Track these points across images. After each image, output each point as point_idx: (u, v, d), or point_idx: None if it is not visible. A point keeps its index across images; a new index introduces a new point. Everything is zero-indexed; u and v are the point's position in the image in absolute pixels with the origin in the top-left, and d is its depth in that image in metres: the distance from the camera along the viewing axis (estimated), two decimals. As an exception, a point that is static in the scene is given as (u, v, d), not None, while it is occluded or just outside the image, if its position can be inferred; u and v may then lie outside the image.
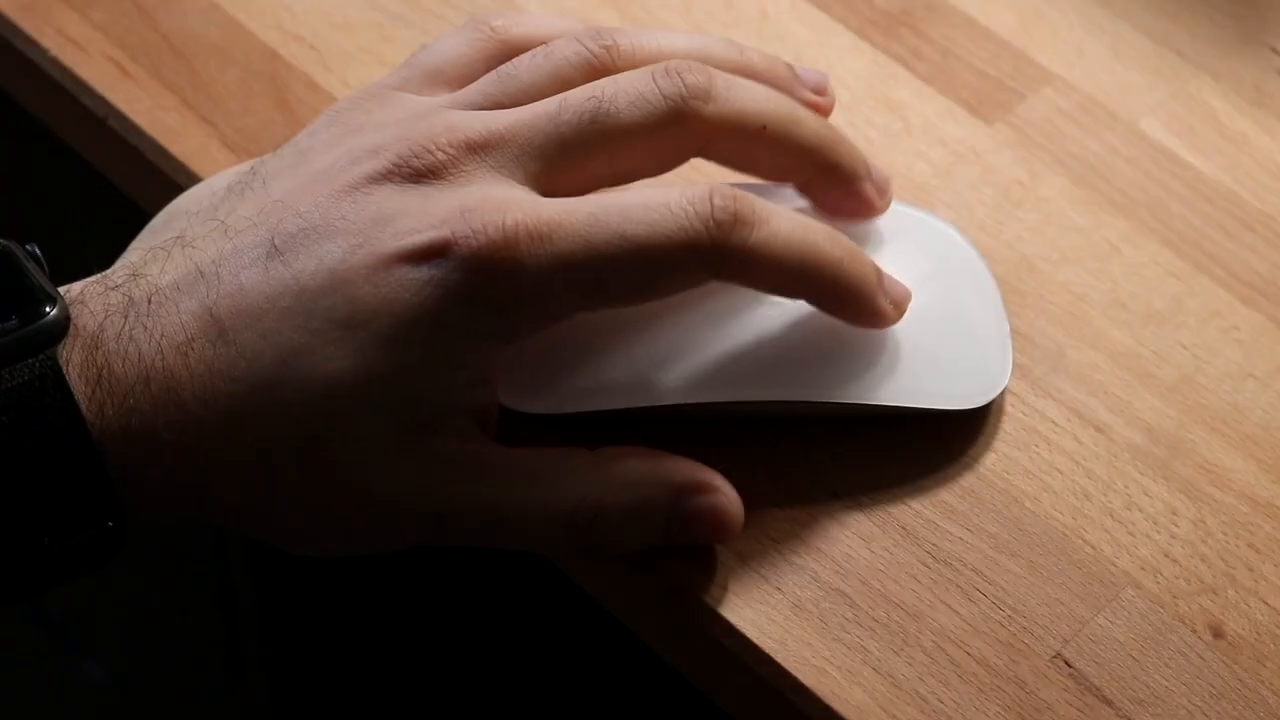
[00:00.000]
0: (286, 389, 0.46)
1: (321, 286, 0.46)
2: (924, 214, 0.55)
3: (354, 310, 0.46)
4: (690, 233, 0.47)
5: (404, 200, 0.47)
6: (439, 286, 0.46)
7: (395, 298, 0.46)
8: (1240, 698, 0.48)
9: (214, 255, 0.47)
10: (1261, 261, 0.56)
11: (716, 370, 0.50)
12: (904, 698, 0.47)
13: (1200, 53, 0.61)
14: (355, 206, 0.47)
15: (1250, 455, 0.52)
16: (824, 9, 0.61)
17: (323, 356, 0.46)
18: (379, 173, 0.47)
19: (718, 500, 0.48)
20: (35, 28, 0.59)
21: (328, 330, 0.46)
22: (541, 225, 0.46)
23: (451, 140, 0.48)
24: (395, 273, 0.46)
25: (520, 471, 0.48)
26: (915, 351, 0.51)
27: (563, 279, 0.46)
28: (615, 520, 0.48)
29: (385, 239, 0.46)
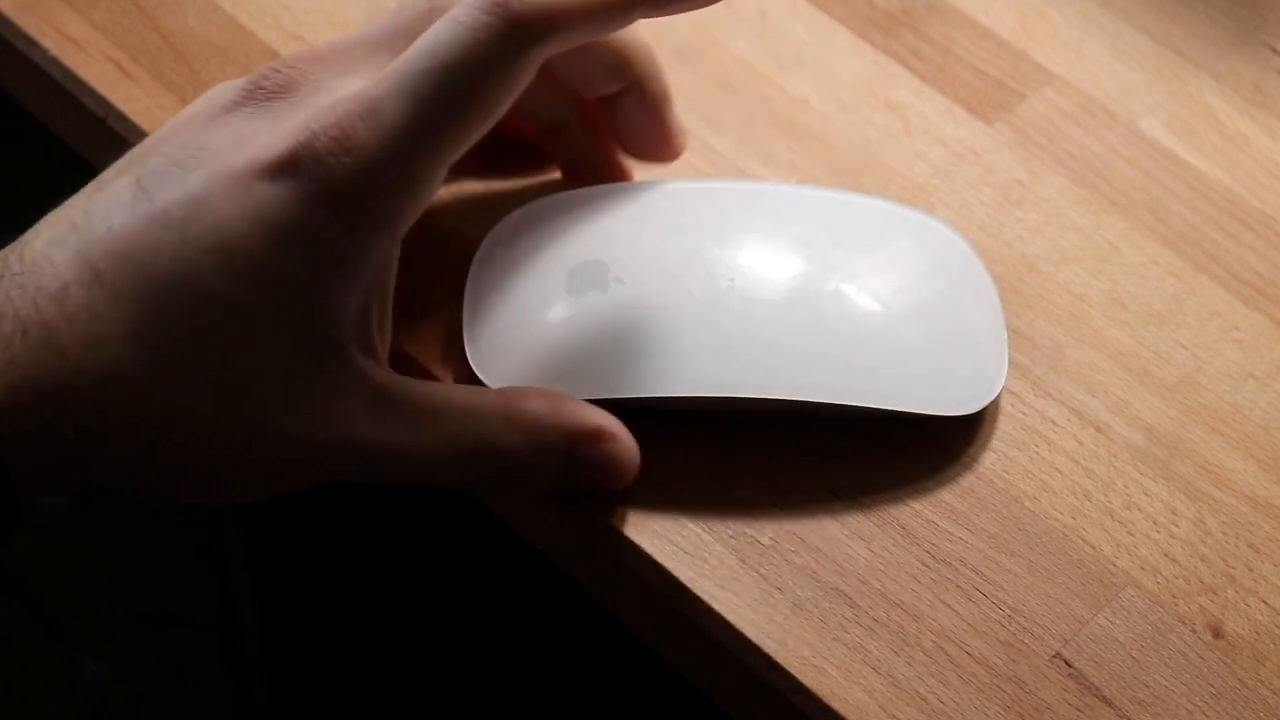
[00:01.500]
0: (170, 322, 0.45)
1: (188, 215, 0.46)
2: (923, 215, 0.55)
3: (223, 234, 0.46)
4: (483, 29, 0.47)
5: (259, 121, 0.48)
6: (298, 194, 0.46)
7: (260, 214, 0.46)
8: (1240, 697, 0.48)
9: (85, 206, 0.47)
10: (1261, 261, 0.56)
11: (714, 367, 0.50)
12: (904, 697, 0.47)
13: (1200, 53, 0.61)
14: (214, 135, 0.47)
15: (1250, 455, 0.52)
16: (824, 9, 0.61)
17: (201, 285, 0.45)
18: (234, 100, 0.48)
19: (613, 448, 0.49)
20: (35, 28, 0.59)
21: (201, 258, 0.45)
22: (368, 105, 0.46)
23: (300, 56, 0.49)
24: (256, 190, 0.46)
25: (423, 406, 0.48)
26: (911, 355, 0.51)
27: (406, 139, 0.46)
28: (514, 461, 0.48)
29: (243, 159, 0.46)
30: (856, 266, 0.52)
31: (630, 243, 0.52)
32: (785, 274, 0.52)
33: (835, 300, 0.51)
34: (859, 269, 0.52)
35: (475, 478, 0.49)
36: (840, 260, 0.52)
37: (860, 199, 0.55)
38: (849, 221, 0.54)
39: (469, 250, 0.54)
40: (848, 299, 0.52)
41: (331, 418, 0.47)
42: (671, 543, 0.49)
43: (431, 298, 0.53)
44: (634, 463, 0.49)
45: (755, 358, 0.50)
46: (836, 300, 0.51)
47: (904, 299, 0.52)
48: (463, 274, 0.53)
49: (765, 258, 0.52)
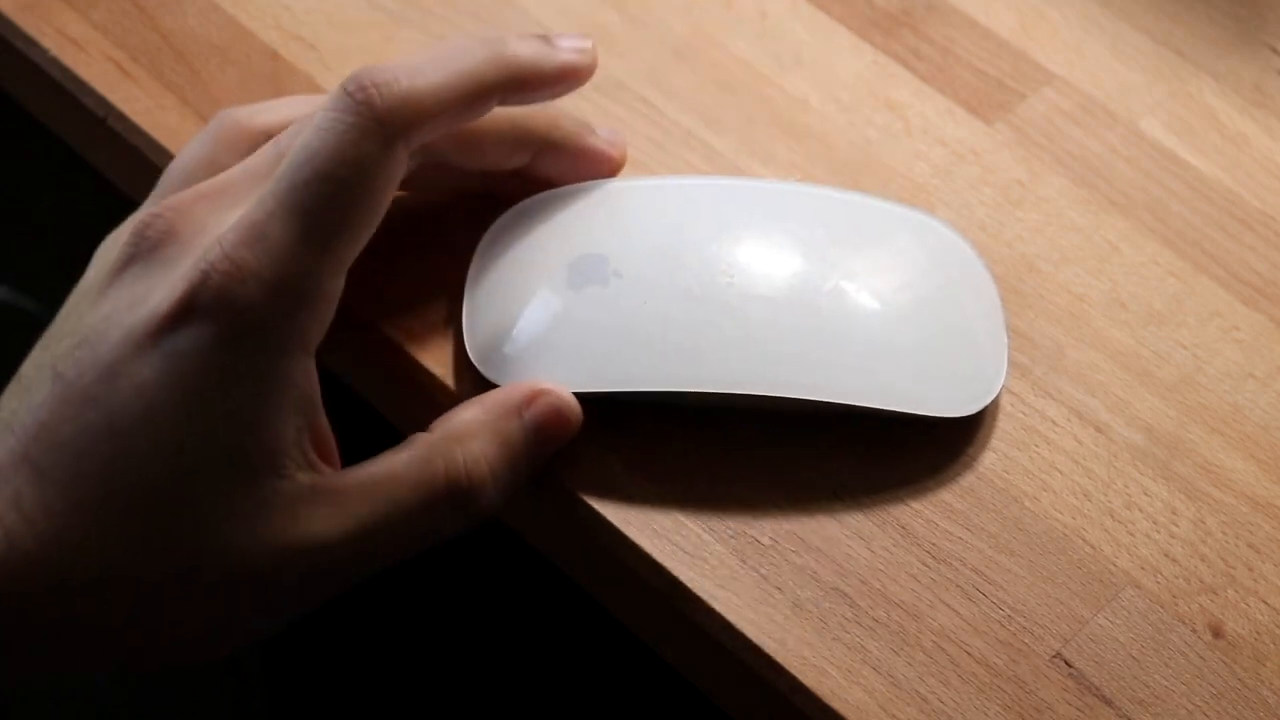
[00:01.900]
0: (116, 500, 0.46)
1: (109, 390, 0.46)
2: (923, 215, 0.55)
3: (145, 400, 0.46)
4: (349, 129, 0.47)
5: (151, 277, 0.48)
6: (203, 340, 0.46)
7: (175, 370, 0.46)
8: (1240, 697, 0.48)
9: (15, 406, 0.47)
10: (1261, 261, 0.56)
11: (712, 363, 0.50)
12: (904, 697, 0.47)
13: (1200, 53, 0.61)
14: (112, 303, 0.48)
15: (1250, 455, 0.52)
16: (824, 9, 0.61)
17: (139, 456, 0.46)
18: (123, 260, 0.48)
19: (552, 399, 0.49)
20: (35, 28, 0.59)
21: (130, 429, 0.46)
22: (251, 231, 0.46)
23: (180, 198, 0.49)
24: (163, 346, 0.46)
25: (374, 479, 0.48)
26: (911, 355, 0.51)
27: (299, 258, 0.46)
28: (487, 470, 0.48)
29: (141, 319, 0.47)
30: (856, 265, 0.52)
31: (630, 238, 0.52)
32: (785, 272, 0.52)
33: (834, 299, 0.51)
34: (858, 268, 0.52)
35: (462, 508, 0.48)
36: (840, 259, 0.52)
37: (860, 198, 0.55)
38: (849, 220, 0.54)
39: (469, 246, 0.54)
40: (847, 297, 0.52)
41: (296, 533, 0.47)
42: (671, 543, 0.49)
43: (431, 294, 0.53)
44: (574, 405, 0.49)
45: (754, 355, 0.50)
46: (835, 299, 0.51)
47: (903, 298, 0.52)
48: (463, 270, 0.53)
49: (765, 255, 0.52)
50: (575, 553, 0.52)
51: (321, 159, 0.47)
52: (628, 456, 0.51)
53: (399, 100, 0.47)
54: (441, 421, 0.49)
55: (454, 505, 0.48)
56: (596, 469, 0.50)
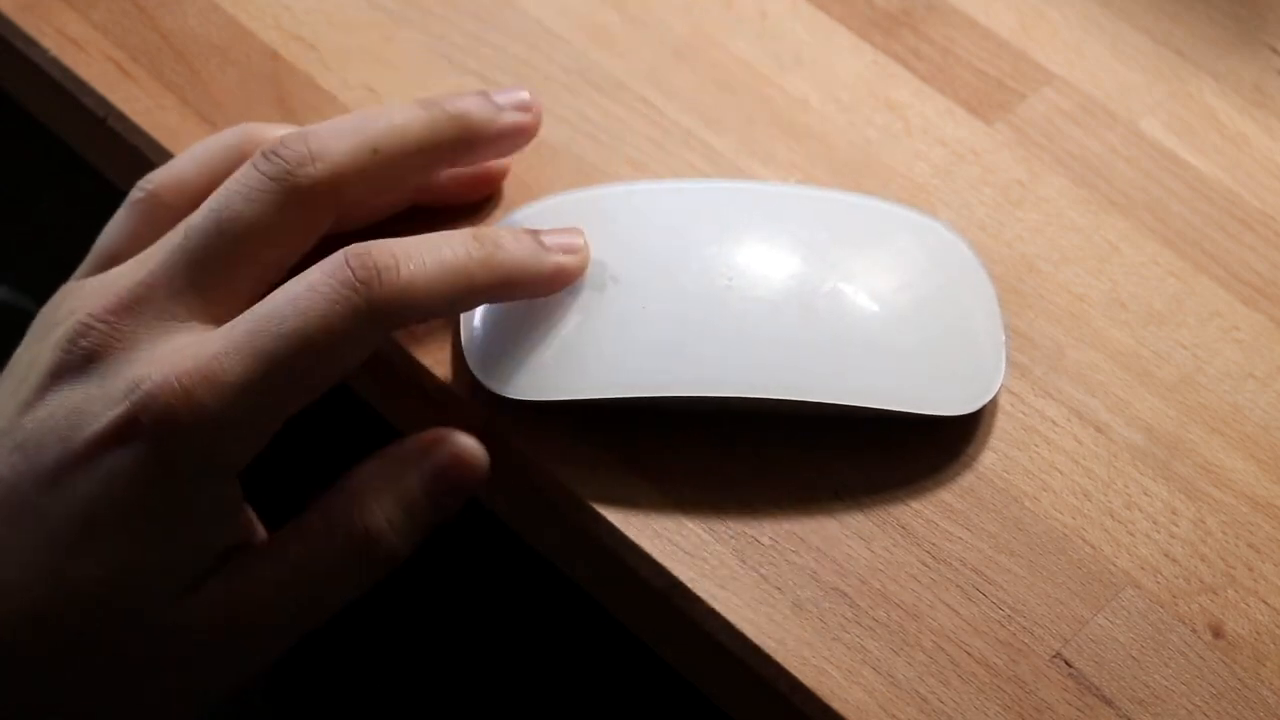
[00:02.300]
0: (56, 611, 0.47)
1: (50, 501, 0.47)
2: (921, 215, 0.55)
3: (85, 515, 0.47)
4: (342, 302, 0.47)
5: (85, 390, 0.48)
6: (141, 462, 0.46)
7: (111, 488, 0.47)
8: (1240, 697, 0.48)
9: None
10: (1261, 261, 0.56)
11: (712, 367, 0.50)
12: (904, 697, 0.47)
13: (1200, 53, 0.61)
14: (47, 408, 0.48)
15: (1250, 455, 0.52)
16: (824, 9, 0.61)
17: (77, 568, 0.47)
18: (56, 367, 0.48)
19: (452, 444, 0.50)
20: (35, 28, 0.59)
21: (71, 542, 0.47)
22: (210, 364, 0.47)
23: (106, 308, 0.49)
24: (102, 465, 0.47)
25: (284, 550, 0.49)
26: (909, 355, 0.51)
27: (250, 400, 0.47)
28: (385, 526, 0.49)
29: (82, 433, 0.47)
30: (854, 266, 0.52)
31: (628, 242, 0.52)
32: (783, 273, 0.52)
33: (833, 300, 0.51)
34: (856, 269, 0.52)
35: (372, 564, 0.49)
36: (838, 260, 0.52)
37: (858, 199, 0.55)
38: (847, 221, 0.54)
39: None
40: (845, 299, 0.52)
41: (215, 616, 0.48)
42: (671, 543, 0.49)
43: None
44: (476, 448, 0.50)
45: (753, 357, 0.50)
46: (834, 300, 0.51)
47: (901, 299, 0.52)
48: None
49: (764, 257, 0.52)
50: (575, 553, 0.52)
51: (311, 327, 0.47)
52: (628, 457, 0.51)
53: (397, 291, 0.47)
54: (344, 478, 0.50)
55: (358, 563, 0.49)
56: (596, 469, 0.50)
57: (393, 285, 0.47)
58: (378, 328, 0.48)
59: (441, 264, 0.48)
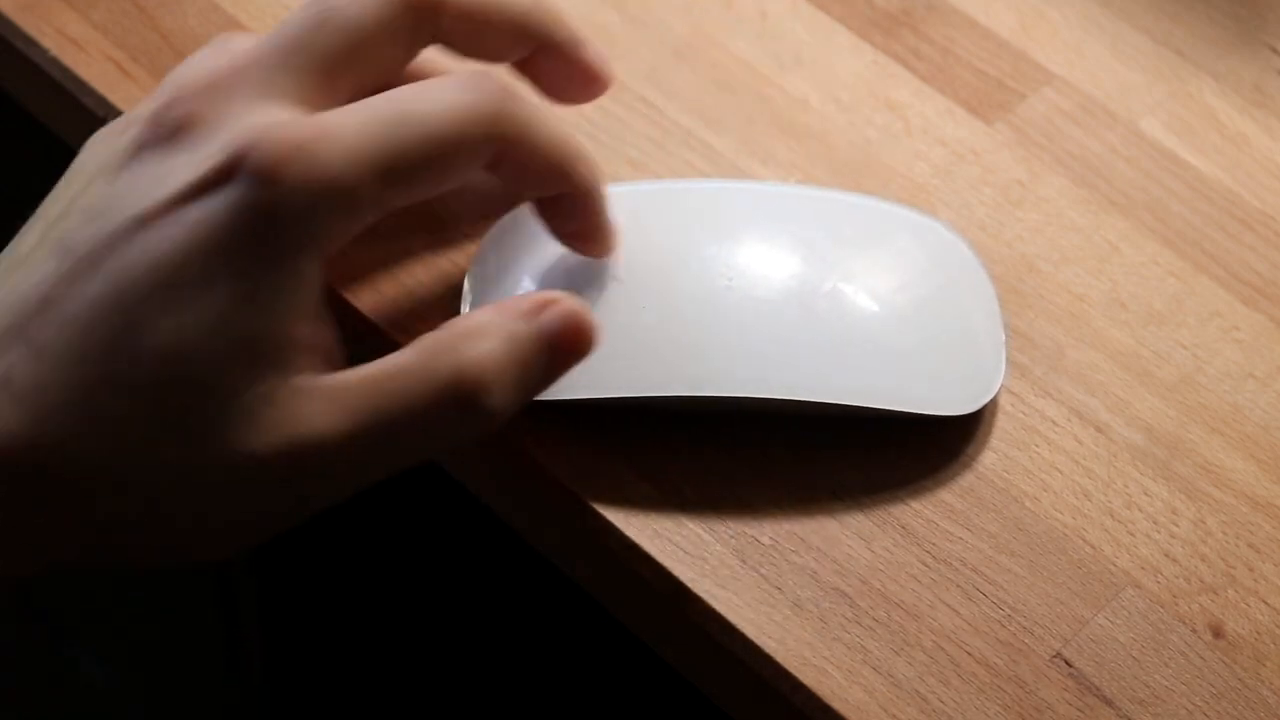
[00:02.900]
0: (124, 377, 0.43)
1: (123, 262, 0.44)
2: (920, 215, 0.55)
3: (161, 270, 0.44)
4: (472, 104, 0.46)
5: (174, 157, 0.45)
6: (234, 211, 0.44)
7: (197, 239, 0.44)
8: (1240, 698, 0.48)
9: (10, 285, 0.45)
10: (1261, 261, 0.56)
11: (711, 366, 0.50)
12: (904, 697, 0.47)
13: (1200, 53, 0.61)
14: (128, 181, 0.45)
15: (1250, 455, 0.52)
16: (824, 9, 0.61)
17: (148, 330, 0.44)
18: (138, 143, 0.46)
19: (566, 305, 0.47)
20: (35, 28, 0.59)
21: (144, 301, 0.44)
22: (327, 123, 0.45)
23: (197, 84, 0.46)
24: (187, 215, 0.44)
25: (380, 377, 0.45)
26: (909, 355, 0.51)
27: (360, 170, 0.44)
28: (495, 370, 0.46)
29: (165, 191, 0.44)
30: (854, 266, 0.52)
31: (628, 242, 0.52)
32: (783, 273, 0.52)
33: (833, 300, 0.51)
34: (856, 269, 0.52)
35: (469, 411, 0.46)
36: (837, 260, 0.52)
37: (858, 199, 0.55)
38: (847, 221, 0.54)
39: (469, 248, 0.54)
40: (845, 299, 0.52)
41: (298, 432, 0.44)
42: (671, 543, 0.49)
43: (431, 295, 0.53)
44: (589, 317, 0.47)
45: (753, 357, 0.50)
46: (834, 300, 0.52)
47: (901, 299, 0.52)
48: (463, 272, 0.53)
49: (763, 258, 0.52)
50: (575, 553, 0.52)
51: (435, 117, 0.45)
52: (628, 456, 0.51)
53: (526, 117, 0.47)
54: (451, 321, 0.47)
55: (460, 405, 0.46)
56: (596, 469, 0.50)
57: (518, 110, 0.47)
58: (491, 144, 0.47)
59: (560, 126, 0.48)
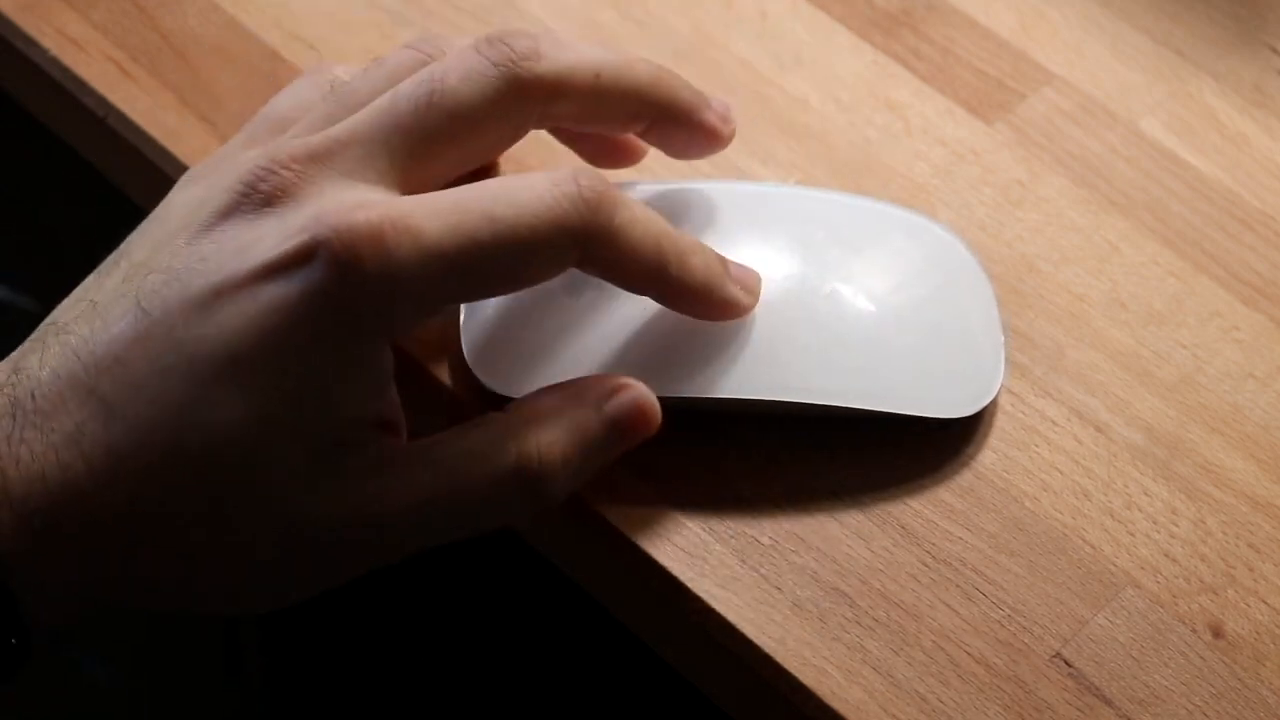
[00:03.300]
0: (189, 449, 0.44)
1: (197, 334, 0.44)
2: (920, 216, 0.55)
3: (232, 349, 0.44)
4: (558, 212, 0.46)
5: (259, 227, 0.45)
6: (309, 296, 0.44)
7: (270, 322, 0.44)
8: (1240, 697, 0.48)
9: (86, 334, 0.45)
10: (1261, 261, 0.56)
11: (711, 368, 0.50)
12: (903, 697, 0.47)
13: (1200, 53, 0.61)
14: (213, 245, 0.45)
15: (1250, 455, 0.52)
16: (824, 9, 0.61)
17: (216, 404, 0.44)
18: (228, 206, 0.46)
19: (635, 393, 0.48)
20: (35, 28, 0.59)
21: (214, 378, 0.44)
22: (407, 216, 0.44)
23: (294, 156, 0.46)
24: (263, 294, 0.44)
25: (446, 455, 0.46)
26: (908, 357, 0.51)
27: (435, 267, 0.44)
28: (559, 459, 0.46)
29: (246, 265, 0.44)
30: (853, 268, 0.52)
31: None
32: (782, 275, 0.52)
33: (832, 301, 0.51)
34: (855, 270, 0.52)
35: (530, 496, 0.47)
36: (837, 261, 0.52)
37: (857, 200, 0.55)
38: (846, 223, 0.54)
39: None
40: (844, 300, 0.52)
41: (361, 504, 0.45)
42: (671, 543, 0.49)
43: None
44: (654, 400, 0.48)
45: (752, 359, 0.50)
46: (833, 301, 0.51)
47: (900, 300, 0.52)
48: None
49: (762, 259, 0.52)
50: (575, 552, 0.52)
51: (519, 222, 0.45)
52: (627, 457, 0.50)
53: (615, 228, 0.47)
54: (518, 404, 0.48)
55: (522, 490, 0.46)
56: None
57: (609, 220, 0.46)
58: (576, 251, 0.46)
59: (654, 226, 0.48)
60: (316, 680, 0.81)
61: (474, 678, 0.72)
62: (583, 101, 0.49)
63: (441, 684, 0.74)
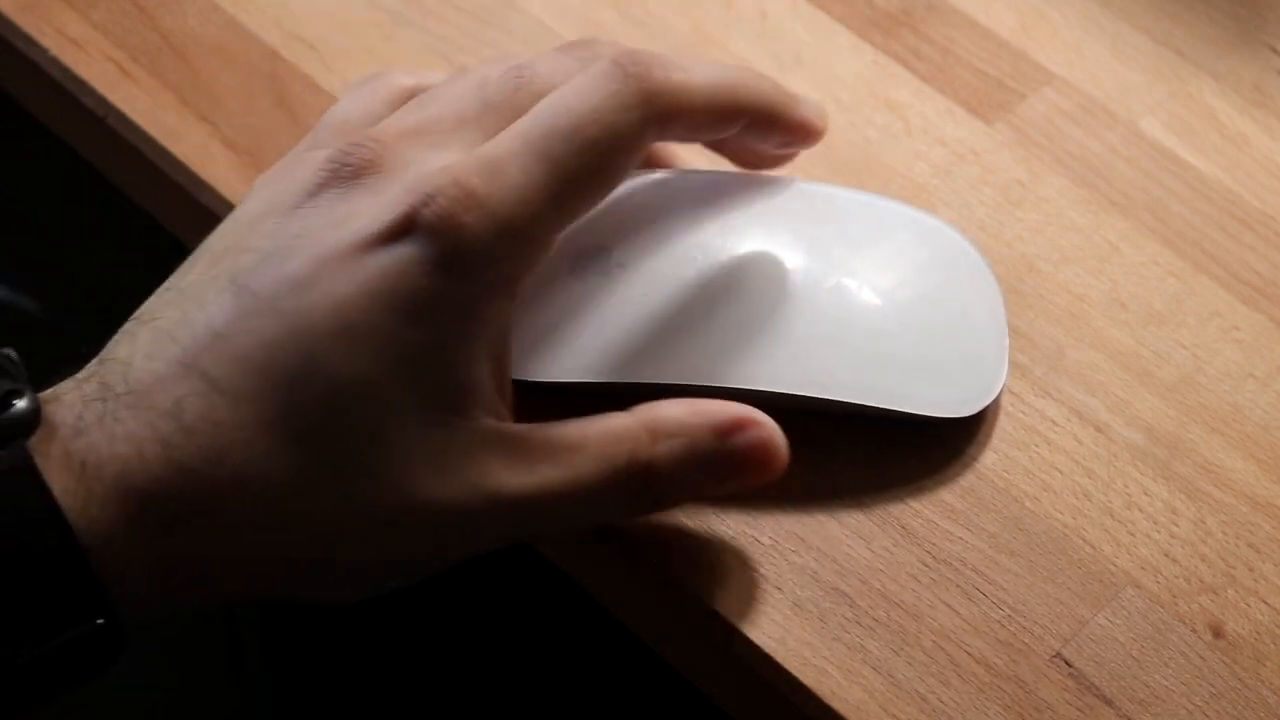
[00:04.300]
0: (298, 417, 0.43)
1: (300, 305, 0.44)
2: (927, 215, 0.55)
3: (343, 315, 0.44)
4: (616, 99, 0.46)
5: (352, 200, 0.45)
6: (418, 260, 0.44)
7: (379, 288, 0.44)
8: (1240, 697, 0.48)
9: (178, 316, 0.45)
10: (1261, 261, 0.56)
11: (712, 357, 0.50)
12: (903, 697, 0.47)
13: (1200, 53, 0.61)
14: (306, 221, 0.45)
15: (1250, 455, 0.52)
16: (824, 9, 0.61)
17: (329, 373, 0.43)
18: (316, 185, 0.46)
19: (762, 434, 0.47)
20: (35, 28, 0.59)
21: (324, 345, 0.44)
22: (487, 163, 0.45)
23: (382, 132, 0.47)
24: (370, 263, 0.44)
25: (560, 445, 0.46)
26: (910, 355, 0.51)
27: (531, 202, 0.45)
28: (666, 474, 0.46)
29: (348, 236, 0.45)
30: (858, 263, 0.52)
31: (634, 230, 0.52)
32: (786, 268, 0.52)
33: (835, 296, 0.51)
34: (860, 266, 0.52)
35: (632, 501, 0.47)
36: (842, 256, 0.52)
37: (864, 196, 0.55)
38: (852, 218, 0.54)
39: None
40: (848, 295, 0.52)
41: (474, 480, 0.45)
42: (671, 543, 0.49)
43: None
44: (784, 446, 0.47)
45: (753, 350, 0.50)
46: (837, 296, 0.51)
47: (905, 297, 0.52)
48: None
49: (768, 251, 0.52)
50: (574, 553, 0.52)
51: (580, 117, 0.46)
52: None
53: (669, 88, 0.47)
54: (643, 407, 0.47)
55: (630, 495, 0.46)
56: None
57: (665, 79, 0.47)
58: (647, 126, 0.47)
59: (712, 68, 0.48)
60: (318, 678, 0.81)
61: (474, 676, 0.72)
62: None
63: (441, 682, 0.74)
